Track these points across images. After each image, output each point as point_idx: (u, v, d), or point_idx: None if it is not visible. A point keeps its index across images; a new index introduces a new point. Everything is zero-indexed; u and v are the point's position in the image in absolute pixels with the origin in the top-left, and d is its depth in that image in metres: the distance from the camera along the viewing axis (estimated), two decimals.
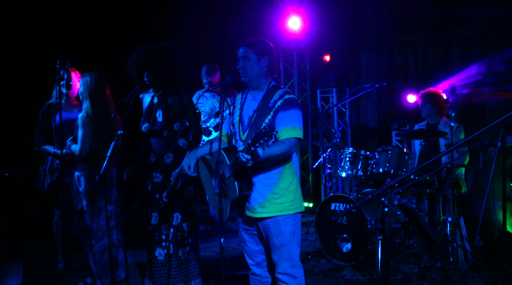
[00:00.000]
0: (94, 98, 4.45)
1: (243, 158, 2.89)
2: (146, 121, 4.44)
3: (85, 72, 4.55)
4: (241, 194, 3.13)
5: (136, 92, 4.12)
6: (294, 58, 8.16)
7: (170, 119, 4.36)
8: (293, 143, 3.14)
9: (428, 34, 7.48)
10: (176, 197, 4.37)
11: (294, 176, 3.30)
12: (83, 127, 4.38)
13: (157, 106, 4.44)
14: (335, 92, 7.79)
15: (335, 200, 5.23)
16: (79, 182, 4.46)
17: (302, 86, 8.28)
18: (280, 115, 3.16)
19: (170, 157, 4.39)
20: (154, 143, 4.46)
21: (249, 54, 3.24)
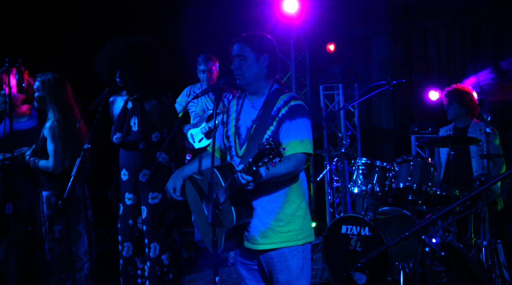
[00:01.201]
0: (61, 102, 4.44)
1: (243, 180, 2.90)
2: (118, 131, 4.43)
3: (40, 72, 4.51)
4: (239, 221, 3.14)
5: (106, 96, 4.12)
6: (291, 47, 8.18)
7: (147, 128, 4.36)
8: (301, 160, 3.16)
9: (453, 17, 7.55)
10: (154, 223, 4.37)
11: (302, 198, 3.32)
12: (54, 140, 4.39)
13: (132, 112, 4.44)
14: (342, 89, 7.84)
15: (347, 222, 5.27)
16: (48, 203, 4.45)
17: (300, 81, 8.32)
18: (285, 126, 3.18)
19: (147, 174, 4.39)
20: (128, 157, 4.46)
21: (246, 52, 3.26)
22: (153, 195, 4.40)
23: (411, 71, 7.92)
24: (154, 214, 4.38)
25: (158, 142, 4.40)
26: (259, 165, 2.79)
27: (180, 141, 4.49)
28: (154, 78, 4.44)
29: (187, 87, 6.30)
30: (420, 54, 7.88)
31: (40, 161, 4.48)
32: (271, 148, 2.71)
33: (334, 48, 7.76)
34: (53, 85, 4.46)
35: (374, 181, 5.38)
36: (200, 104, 6.19)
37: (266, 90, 3.33)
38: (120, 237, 4.48)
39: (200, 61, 6.14)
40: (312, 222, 7.85)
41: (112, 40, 4.40)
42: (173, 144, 4.46)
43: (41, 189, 4.54)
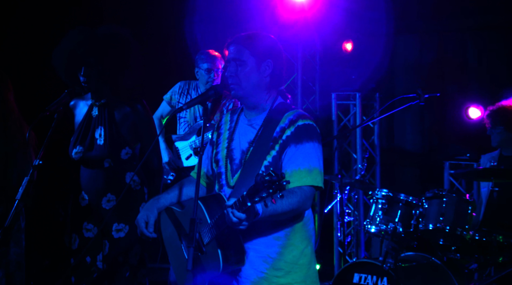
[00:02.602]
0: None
1: (234, 218, 2.87)
2: (79, 144, 4.41)
3: None
4: (226, 268, 3.11)
5: (65, 100, 4.09)
6: (298, 45, 8.20)
7: (115, 142, 4.35)
8: (308, 194, 3.15)
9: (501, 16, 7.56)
10: (117, 262, 4.34)
11: (307, 242, 3.31)
12: None
13: (98, 121, 4.42)
14: (359, 98, 7.86)
15: (360, 269, 5.26)
16: None
17: (308, 86, 8.34)
18: (290, 152, 3.17)
19: (112, 200, 4.37)
20: (89, 177, 4.43)
21: (244, 56, 3.25)
22: (118, 226, 4.37)
23: (444, 81, 7.95)
24: (118, 251, 4.34)
25: (128, 160, 4.39)
26: (256, 200, 2.76)
27: (156, 161, 4.47)
28: (126, 80, 4.44)
29: (180, 83, 6.16)
30: (456, 60, 7.91)
31: None
32: (272, 180, 2.68)
33: (351, 47, 7.77)
34: None
35: (397, 219, 5.36)
36: (192, 111, 6.10)
37: (268, 105, 3.32)
38: (74, 278, 4.43)
39: (205, 58, 5.99)
40: (316, 264, 7.89)
41: (75, 29, 4.39)
42: (146, 163, 4.43)
43: None
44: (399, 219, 5.37)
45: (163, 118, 6.17)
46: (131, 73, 4.44)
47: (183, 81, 6.15)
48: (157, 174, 4.47)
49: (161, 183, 4.48)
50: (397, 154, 8.22)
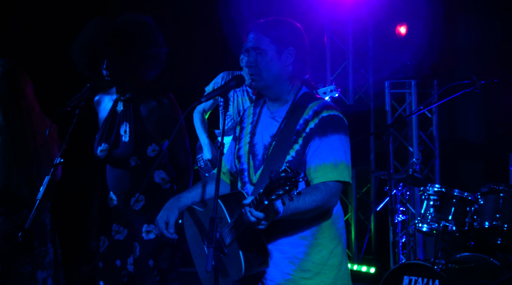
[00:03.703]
0: (7, 102, 4.49)
1: (252, 217, 2.92)
2: (103, 141, 4.50)
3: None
4: (249, 271, 3.16)
5: (86, 95, 4.17)
6: (349, 29, 8.18)
7: (141, 139, 4.42)
8: (334, 190, 3.17)
9: None
10: (148, 265, 4.43)
11: (337, 241, 3.34)
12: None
13: (123, 117, 4.50)
14: (415, 87, 7.78)
15: (410, 271, 5.23)
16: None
17: (360, 74, 8.30)
18: (314, 145, 3.20)
19: (141, 200, 4.45)
20: (116, 177, 4.52)
21: (264, 44, 3.28)
22: (148, 228, 4.46)
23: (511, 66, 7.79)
24: (148, 254, 4.43)
25: (156, 158, 4.44)
26: (272, 198, 2.79)
27: (184, 158, 4.52)
28: (151, 72, 4.50)
29: (222, 73, 6.15)
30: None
31: None
32: (287, 176, 2.71)
33: (406, 31, 7.69)
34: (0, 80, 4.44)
35: (450, 217, 5.31)
36: (235, 104, 6.12)
37: (291, 96, 3.35)
38: (102, 282, 4.53)
39: None
40: (370, 267, 7.87)
41: (94, 20, 4.46)
42: (173, 160, 4.49)
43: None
44: (452, 216, 5.32)
45: (205, 112, 6.23)
46: (156, 64, 4.49)
47: (226, 71, 6.15)
48: (185, 172, 4.50)
49: (190, 180, 4.50)
50: (459, 147, 8.09)
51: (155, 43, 4.47)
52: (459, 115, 8.18)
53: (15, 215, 4.47)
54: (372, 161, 8.07)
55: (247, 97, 5.88)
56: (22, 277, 4.49)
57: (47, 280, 4.56)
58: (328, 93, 5.94)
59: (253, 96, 5.78)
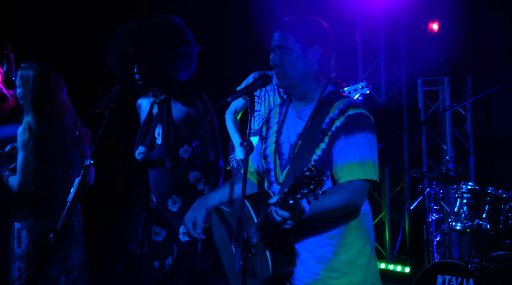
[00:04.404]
0: (39, 105, 4.56)
1: (277, 217, 2.91)
2: (141, 144, 4.55)
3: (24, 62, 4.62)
4: (276, 270, 3.16)
5: (115, 97, 4.21)
6: (380, 25, 8.17)
7: (173, 140, 4.45)
8: (360, 189, 3.16)
9: None
10: (184, 267, 4.46)
11: (365, 240, 3.32)
12: (23, 148, 4.51)
13: (157, 119, 4.54)
14: (448, 84, 7.72)
15: (443, 270, 5.19)
16: (18, 239, 4.58)
17: (393, 72, 8.27)
18: (340, 144, 3.19)
19: (177, 201, 4.49)
20: (154, 178, 4.57)
21: (289, 43, 3.28)
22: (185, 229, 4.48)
23: None
24: (184, 255, 4.47)
25: (190, 159, 4.47)
26: (297, 197, 2.78)
27: (213, 158, 4.51)
28: (181, 73, 4.52)
29: (253, 74, 6.12)
30: None
31: (10, 177, 4.60)
32: (312, 175, 2.70)
33: (438, 27, 7.63)
34: (32, 83, 4.53)
35: (484, 215, 5.26)
36: (267, 103, 6.12)
37: (317, 94, 3.34)
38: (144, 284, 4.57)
39: None
40: (405, 266, 7.83)
41: (126, 23, 4.51)
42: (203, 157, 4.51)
43: (13, 218, 4.65)
44: (486, 215, 5.26)
45: (237, 113, 6.24)
46: (186, 63, 4.51)
47: (257, 71, 6.15)
48: (213, 172, 4.50)
49: (218, 180, 4.50)
50: (494, 144, 8.00)
51: (183, 42, 4.48)
52: (494, 112, 8.08)
53: (44, 219, 4.53)
54: (405, 159, 8.03)
55: (278, 96, 5.87)
56: (48, 281, 4.56)
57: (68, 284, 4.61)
58: (359, 90, 5.92)
59: (284, 95, 5.77)
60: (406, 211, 7.84)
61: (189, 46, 4.52)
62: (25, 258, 4.50)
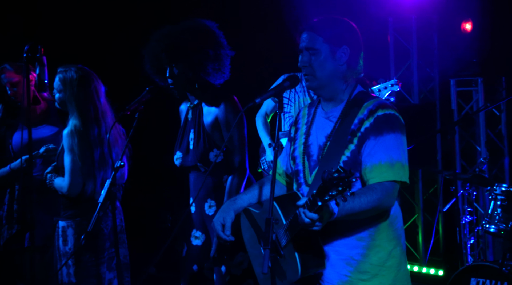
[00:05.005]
0: (86, 106, 4.62)
1: (306, 218, 2.91)
2: (178, 149, 4.59)
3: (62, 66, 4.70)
4: (305, 272, 3.16)
5: (146, 99, 4.24)
6: (412, 26, 8.14)
7: (204, 145, 4.45)
8: (390, 190, 3.14)
9: None
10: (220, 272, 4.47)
11: (395, 242, 3.30)
12: (71, 151, 4.58)
13: (191, 124, 4.57)
14: (481, 85, 7.65)
15: (477, 273, 5.16)
16: (64, 237, 4.65)
17: (425, 72, 8.24)
18: (369, 145, 3.18)
19: (212, 205, 4.50)
20: (192, 183, 4.60)
21: (317, 44, 3.28)
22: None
23: None
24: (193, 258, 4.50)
25: (222, 163, 4.46)
26: (326, 199, 2.78)
27: (237, 161, 4.46)
28: (212, 77, 4.52)
29: (283, 76, 6.12)
30: None
31: (56, 179, 4.68)
32: (340, 176, 2.70)
33: (471, 27, 7.57)
34: (76, 85, 4.62)
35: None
36: (297, 104, 6.12)
37: (346, 95, 3.33)
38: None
39: None
40: (439, 269, 7.76)
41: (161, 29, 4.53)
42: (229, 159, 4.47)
43: (58, 217, 4.73)
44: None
45: (267, 115, 6.24)
46: (217, 67, 4.51)
47: (287, 74, 6.15)
48: (237, 174, 4.44)
49: (242, 183, 4.45)
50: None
51: (213, 45, 4.49)
52: None
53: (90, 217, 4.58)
54: (438, 160, 7.97)
55: (308, 97, 5.85)
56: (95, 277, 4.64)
57: (113, 281, 4.67)
58: (389, 87, 5.88)
59: (314, 96, 5.75)
60: (439, 213, 7.79)
61: (220, 49, 4.52)
62: (70, 256, 4.56)
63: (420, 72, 8.19)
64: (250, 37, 7.63)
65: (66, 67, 4.67)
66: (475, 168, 7.49)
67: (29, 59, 4.38)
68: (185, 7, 7.30)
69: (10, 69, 5.19)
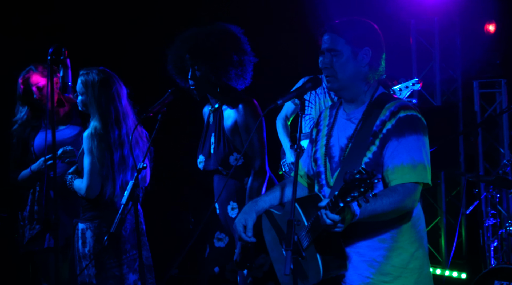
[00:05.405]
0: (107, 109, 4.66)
1: (327, 220, 2.91)
2: (200, 153, 4.61)
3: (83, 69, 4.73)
4: (327, 274, 3.15)
5: (168, 100, 4.26)
6: (435, 27, 8.12)
7: (224, 149, 4.46)
8: (412, 192, 3.13)
9: None
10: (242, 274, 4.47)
11: (418, 244, 3.29)
12: (90, 154, 4.61)
13: (212, 128, 4.58)
14: (505, 86, 7.61)
15: (501, 275, 5.15)
16: (83, 239, 4.69)
17: (448, 74, 8.21)
18: (391, 146, 3.17)
19: (235, 208, 4.52)
20: (215, 185, 4.62)
21: (339, 45, 3.28)
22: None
23: None
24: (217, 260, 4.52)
25: (243, 166, 4.47)
26: (347, 200, 2.78)
27: (257, 164, 4.44)
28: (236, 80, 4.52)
29: (303, 79, 6.12)
30: None
31: (76, 180, 4.72)
32: (362, 178, 2.70)
33: (495, 28, 7.53)
34: (97, 88, 4.64)
35: None
36: (318, 106, 6.11)
37: (367, 97, 3.33)
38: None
39: None
40: (462, 272, 7.72)
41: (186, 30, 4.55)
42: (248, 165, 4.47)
43: (77, 219, 4.76)
44: None
45: (288, 118, 6.24)
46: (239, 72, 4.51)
47: (307, 76, 6.14)
48: (257, 177, 4.42)
49: (262, 186, 4.42)
50: None
51: (237, 51, 4.49)
52: None
53: (109, 220, 4.61)
54: (461, 163, 7.92)
55: (329, 98, 5.84)
56: (115, 279, 4.64)
57: (137, 283, 4.68)
58: (410, 87, 5.87)
59: (335, 97, 5.74)
60: (462, 216, 7.74)
61: (244, 55, 4.52)
62: (92, 258, 4.59)
63: (443, 74, 8.16)
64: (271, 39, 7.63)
65: (87, 70, 4.70)
66: (498, 170, 7.47)
67: (53, 61, 4.42)
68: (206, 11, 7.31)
69: (37, 72, 5.23)
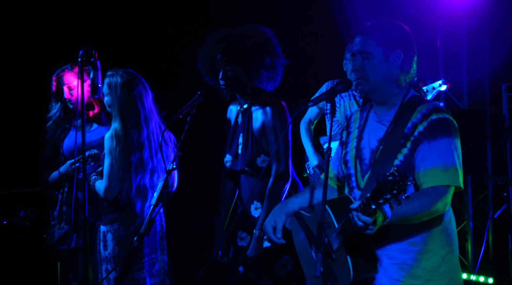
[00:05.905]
0: (127, 112, 4.69)
1: (359, 222, 2.92)
2: (227, 152, 4.63)
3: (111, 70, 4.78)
4: (357, 276, 3.15)
5: (198, 103, 4.30)
6: (462, 30, 8.07)
7: (252, 150, 4.48)
8: (444, 195, 3.12)
9: None
10: (264, 273, 4.47)
11: (449, 248, 3.29)
12: (110, 153, 4.66)
13: (240, 128, 4.59)
14: None
15: None
16: (104, 241, 4.73)
17: (475, 78, 8.15)
18: (422, 149, 3.16)
19: (258, 207, 4.51)
20: (240, 185, 4.63)
21: (370, 47, 3.28)
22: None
23: None
24: (265, 261, 4.46)
25: (268, 167, 4.46)
26: (380, 202, 2.78)
27: (281, 166, 4.43)
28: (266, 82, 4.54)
29: (328, 83, 6.11)
30: None
31: (97, 181, 4.78)
32: (394, 180, 2.70)
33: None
34: (120, 90, 4.69)
35: None
36: (343, 109, 6.09)
37: (399, 99, 3.33)
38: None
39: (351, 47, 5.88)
40: (489, 277, 7.66)
41: (218, 31, 4.57)
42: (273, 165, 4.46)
43: (100, 221, 4.81)
44: None
45: (311, 122, 6.25)
46: (271, 75, 4.53)
47: (331, 80, 6.15)
48: (279, 180, 4.41)
49: (283, 189, 4.41)
50: None
51: (270, 53, 4.51)
52: None
53: (129, 222, 4.65)
54: (488, 166, 7.86)
55: (354, 101, 5.82)
56: (134, 283, 4.67)
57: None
58: (437, 88, 5.84)
59: (360, 100, 5.72)
60: (489, 220, 7.68)
61: (276, 58, 4.53)
62: (112, 261, 4.62)
63: (470, 77, 8.10)
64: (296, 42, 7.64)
65: (113, 71, 4.76)
66: None
67: (83, 63, 4.47)
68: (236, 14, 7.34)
69: (72, 72, 5.27)
